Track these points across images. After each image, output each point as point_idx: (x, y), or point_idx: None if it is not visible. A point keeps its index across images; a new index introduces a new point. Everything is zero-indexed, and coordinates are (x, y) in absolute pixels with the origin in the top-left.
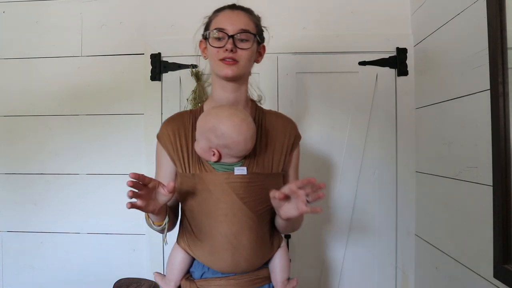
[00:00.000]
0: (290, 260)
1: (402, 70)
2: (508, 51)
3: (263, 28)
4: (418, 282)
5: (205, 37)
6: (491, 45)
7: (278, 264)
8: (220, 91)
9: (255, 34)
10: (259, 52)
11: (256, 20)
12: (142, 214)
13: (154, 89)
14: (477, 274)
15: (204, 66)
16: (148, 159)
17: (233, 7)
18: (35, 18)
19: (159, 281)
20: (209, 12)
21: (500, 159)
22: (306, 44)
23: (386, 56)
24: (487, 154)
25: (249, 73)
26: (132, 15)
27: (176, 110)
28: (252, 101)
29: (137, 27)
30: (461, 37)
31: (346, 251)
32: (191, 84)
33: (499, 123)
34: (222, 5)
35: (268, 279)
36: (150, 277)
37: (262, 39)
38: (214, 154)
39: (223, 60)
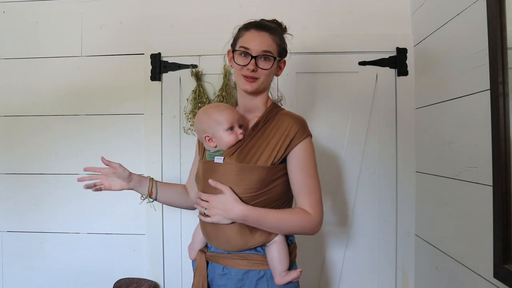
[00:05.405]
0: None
1: (402, 70)
2: (508, 51)
3: (287, 35)
4: (418, 282)
5: (233, 50)
6: (491, 45)
7: (273, 256)
8: (241, 98)
9: (275, 57)
10: (279, 66)
11: (278, 39)
12: (141, 214)
13: (154, 89)
14: (477, 274)
15: (204, 66)
16: (148, 159)
17: (259, 27)
18: (35, 18)
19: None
20: (210, 12)
21: (500, 159)
22: (306, 44)
23: (386, 56)
24: (487, 154)
25: (268, 85)
26: (132, 15)
27: (176, 110)
28: (273, 102)
29: (137, 27)
30: (461, 37)
31: (346, 251)
32: (191, 84)
33: (499, 123)
34: (250, 21)
35: (264, 265)
36: (150, 277)
37: (283, 55)
38: (209, 139)
39: (245, 76)
